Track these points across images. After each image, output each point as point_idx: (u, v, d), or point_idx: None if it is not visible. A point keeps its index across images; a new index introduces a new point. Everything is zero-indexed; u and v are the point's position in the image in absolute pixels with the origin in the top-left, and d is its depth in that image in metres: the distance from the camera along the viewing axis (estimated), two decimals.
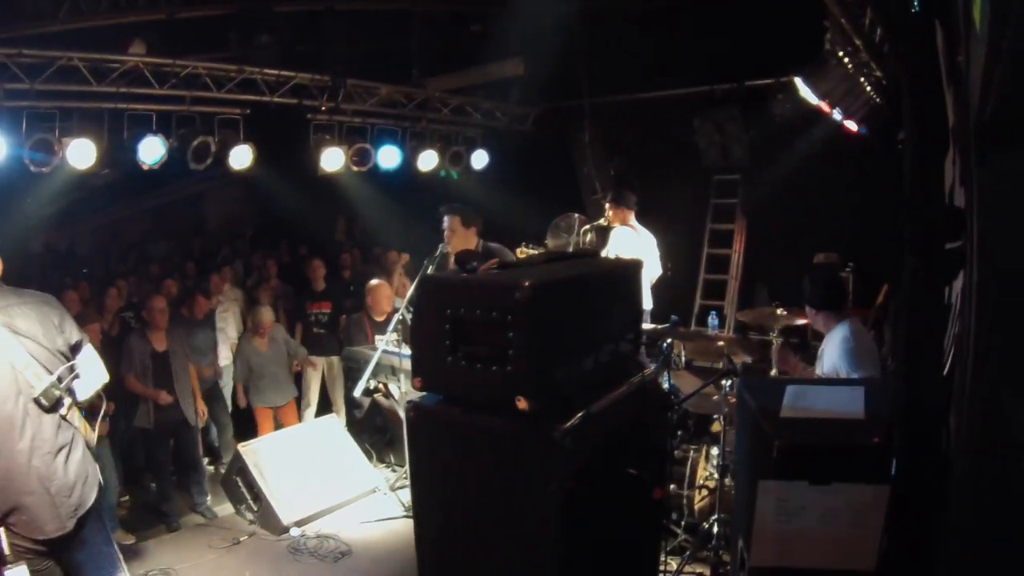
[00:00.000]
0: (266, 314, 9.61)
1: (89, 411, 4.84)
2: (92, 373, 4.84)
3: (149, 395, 8.35)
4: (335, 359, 10.43)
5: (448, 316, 3.40)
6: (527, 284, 3.17)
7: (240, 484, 8.13)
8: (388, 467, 9.31)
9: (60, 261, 14.26)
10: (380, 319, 9.44)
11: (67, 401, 4.62)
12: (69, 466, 4.60)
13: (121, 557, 5.29)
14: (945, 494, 3.18)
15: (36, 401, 4.48)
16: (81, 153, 7.95)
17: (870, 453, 3.12)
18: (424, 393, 3.63)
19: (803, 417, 3.30)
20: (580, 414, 3.34)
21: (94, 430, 4.85)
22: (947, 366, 3.70)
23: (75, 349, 4.80)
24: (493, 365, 3.28)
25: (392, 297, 9.79)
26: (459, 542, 3.64)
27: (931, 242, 4.03)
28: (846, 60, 7.44)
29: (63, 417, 4.60)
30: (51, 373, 4.55)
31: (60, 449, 4.57)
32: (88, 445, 4.80)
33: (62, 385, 4.58)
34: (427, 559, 3.77)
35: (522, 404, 3.18)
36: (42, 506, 4.53)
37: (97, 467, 4.89)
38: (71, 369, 4.68)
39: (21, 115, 7.60)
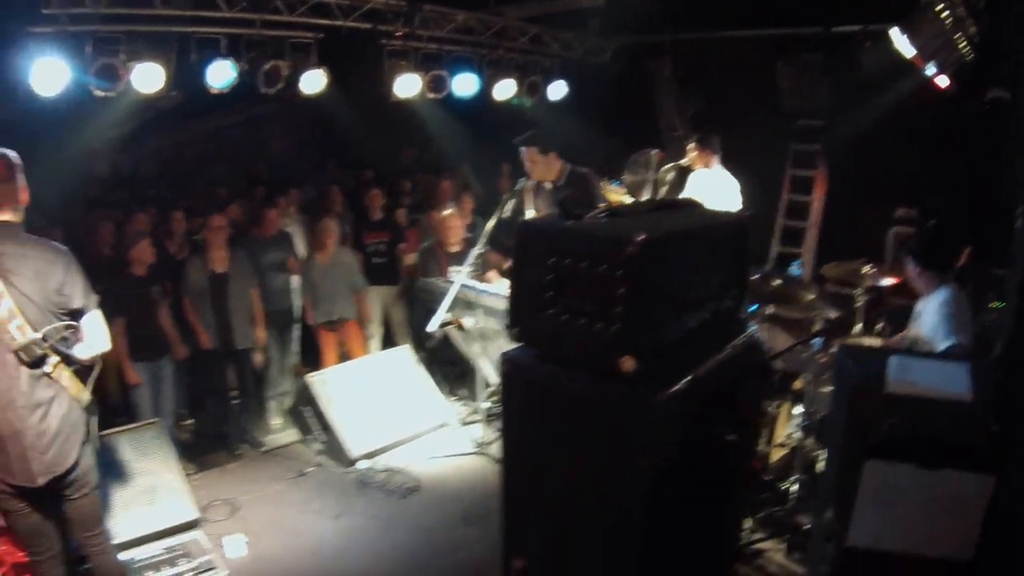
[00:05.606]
0: (329, 225, 9.25)
1: (81, 370, 4.70)
2: (93, 340, 4.72)
3: (194, 326, 8.25)
4: (395, 289, 10.28)
5: (550, 266, 3.18)
6: (640, 238, 2.94)
7: (308, 414, 8.09)
8: (459, 401, 9.27)
9: (125, 184, 14.18)
10: (454, 250, 9.27)
11: (52, 360, 4.49)
12: (46, 423, 4.51)
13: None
14: None
15: (16, 354, 4.39)
16: (147, 77, 7.74)
17: (982, 441, 2.97)
18: (519, 344, 3.44)
19: (911, 394, 3.13)
20: (687, 378, 3.15)
21: (86, 389, 4.72)
22: None
23: (76, 313, 4.66)
24: (597, 322, 3.07)
25: (463, 227, 9.65)
26: (546, 498, 3.47)
27: None
28: (944, 14, 7.15)
29: (47, 375, 4.49)
30: (36, 330, 4.43)
31: (38, 406, 4.49)
32: (80, 404, 4.69)
33: (46, 344, 4.45)
34: (512, 512, 3.64)
35: (628, 364, 2.99)
36: (12, 454, 4.49)
37: (88, 429, 4.79)
38: (62, 330, 4.55)
39: (85, 40, 7.38)
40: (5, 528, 5.06)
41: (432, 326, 7.46)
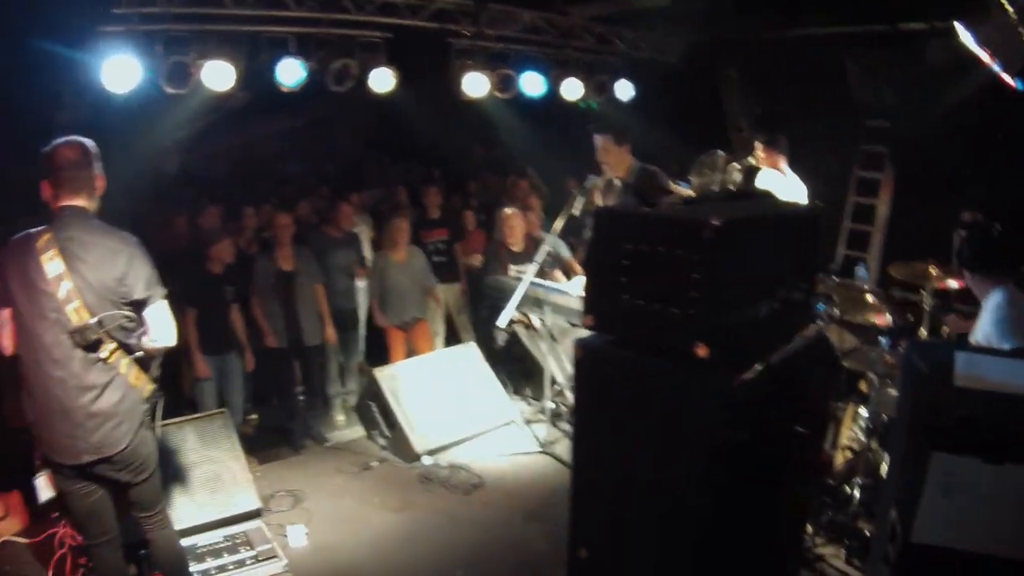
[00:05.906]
0: (402, 224, 9.38)
1: (143, 360, 4.72)
2: (156, 332, 4.73)
3: (261, 325, 8.35)
4: (456, 286, 10.33)
5: (626, 252, 3.21)
6: (716, 223, 2.96)
7: (373, 409, 8.16)
8: (524, 399, 9.30)
9: (193, 181, 14.33)
10: (516, 249, 9.29)
11: (109, 346, 4.53)
12: (97, 405, 4.54)
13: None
14: None
15: (71, 336, 4.43)
16: (217, 75, 7.79)
17: None
18: (593, 331, 3.46)
19: (979, 388, 3.08)
20: (759, 366, 3.15)
21: (148, 378, 4.76)
22: None
23: (139, 304, 4.66)
24: (672, 306, 3.09)
25: (525, 226, 9.63)
26: (615, 483, 3.48)
27: None
28: (1010, 8, 7.05)
29: (103, 360, 4.53)
30: (94, 316, 4.46)
31: (90, 388, 4.53)
32: (140, 393, 4.72)
33: (102, 329, 4.48)
34: (581, 501, 3.65)
35: (702, 351, 3.00)
36: (58, 431, 4.56)
37: (147, 417, 4.83)
38: (119, 318, 4.57)
39: (156, 39, 7.44)
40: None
41: (500, 323, 7.50)
